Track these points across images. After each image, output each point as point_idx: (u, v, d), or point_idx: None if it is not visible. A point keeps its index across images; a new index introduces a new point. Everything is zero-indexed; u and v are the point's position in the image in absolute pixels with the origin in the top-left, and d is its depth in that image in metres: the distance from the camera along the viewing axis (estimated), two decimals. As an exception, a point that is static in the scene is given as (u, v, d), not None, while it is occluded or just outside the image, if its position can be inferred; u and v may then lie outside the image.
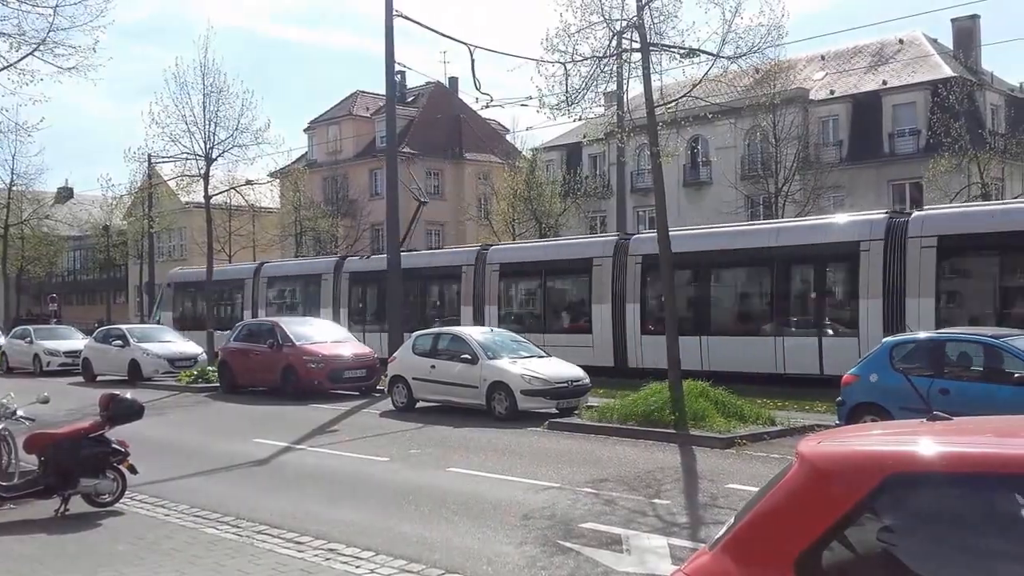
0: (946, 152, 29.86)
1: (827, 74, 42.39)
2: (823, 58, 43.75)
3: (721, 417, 14.29)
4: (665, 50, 15.39)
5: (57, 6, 13.36)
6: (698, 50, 15.34)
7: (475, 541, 8.44)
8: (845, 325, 19.93)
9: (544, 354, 18.43)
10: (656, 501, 9.90)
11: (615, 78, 16.70)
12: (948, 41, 41.73)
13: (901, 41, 41.60)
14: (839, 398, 13.14)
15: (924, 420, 3.74)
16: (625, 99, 17.88)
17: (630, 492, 10.33)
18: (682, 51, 15.37)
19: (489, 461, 12.61)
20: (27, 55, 13.29)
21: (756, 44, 15.16)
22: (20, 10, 13.13)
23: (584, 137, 30.32)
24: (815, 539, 3.19)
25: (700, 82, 15.97)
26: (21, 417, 10.39)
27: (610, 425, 14.75)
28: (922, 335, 13.70)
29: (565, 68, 15.31)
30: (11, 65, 13.23)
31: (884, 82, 39.48)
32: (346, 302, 31.49)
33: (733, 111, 34.42)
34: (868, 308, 19.06)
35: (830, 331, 20.15)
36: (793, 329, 20.77)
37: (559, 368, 17.64)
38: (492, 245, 29.48)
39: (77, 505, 9.79)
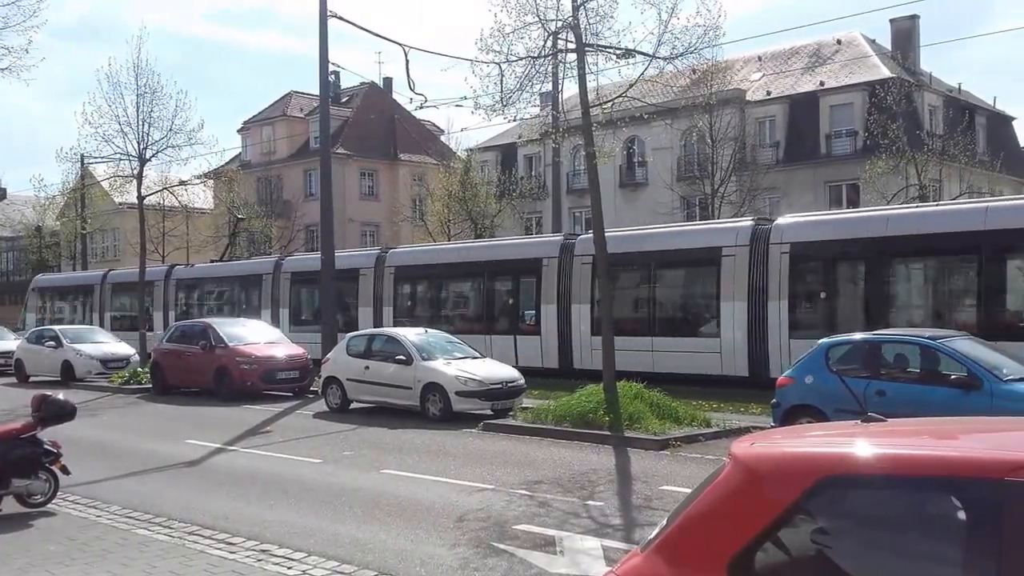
0: (883, 153, 29.80)
1: (764, 75, 42.63)
2: (760, 59, 43.96)
3: (656, 419, 14.42)
4: (601, 50, 15.50)
5: (-10, 7, 13.08)
6: (634, 51, 15.49)
7: (408, 542, 8.50)
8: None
9: (479, 355, 18.52)
10: (590, 503, 10.03)
11: (550, 78, 16.77)
12: (887, 42, 41.79)
13: (839, 42, 41.69)
14: (774, 400, 13.07)
15: (859, 422, 3.73)
16: (560, 99, 18.03)
17: (564, 494, 10.45)
18: (618, 51, 15.47)
19: (423, 463, 12.67)
20: (-43, 55, 12.98)
21: (692, 44, 15.32)
22: (-52, 10, 12.84)
23: (519, 138, 30.61)
24: (748, 541, 3.18)
25: (636, 83, 16.12)
26: None
27: (545, 427, 14.86)
28: (857, 336, 13.49)
29: (500, 68, 15.36)
30: (-61, 65, 12.90)
31: (821, 83, 39.53)
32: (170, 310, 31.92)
33: (669, 112, 34.50)
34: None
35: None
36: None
37: (494, 369, 17.74)
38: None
39: (9, 506, 9.69)
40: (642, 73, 16.07)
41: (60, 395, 10.49)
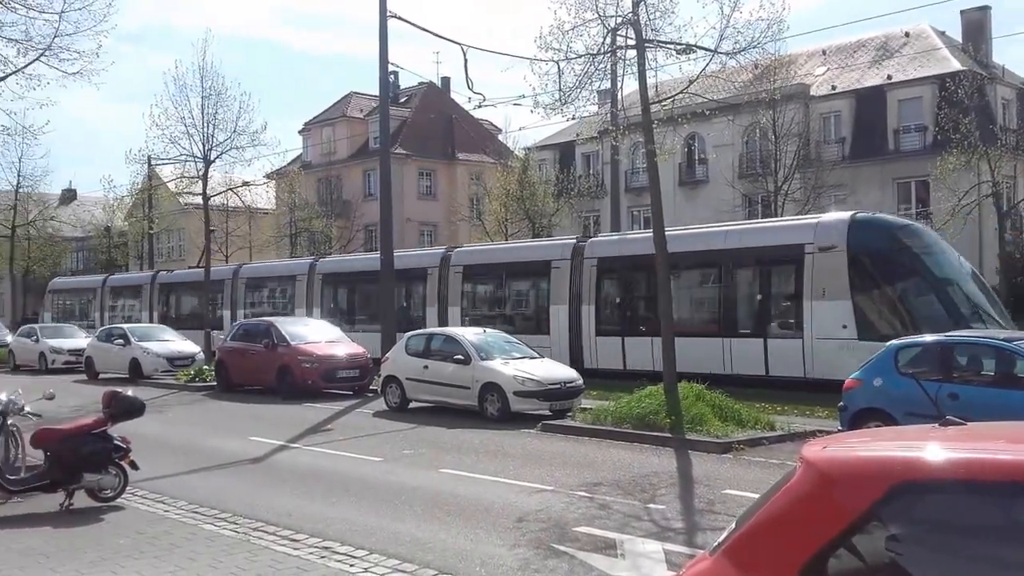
0: (954, 149, 28.73)
1: (829, 69, 41.62)
2: (824, 53, 42.94)
3: (718, 421, 14.23)
4: (661, 46, 15.37)
5: (62, 12, 13.56)
6: (695, 46, 15.30)
7: (468, 542, 8.51)
8: (542, 326, 24.67)
9: (537, 355, 18.50)
10: (651, 506, 9.93)
11: (609, 75, 16.69)
12: (957, 34, 40.53)
13: (907, 34, 40.58)
14: (841, 403, 12.79)
15: (936, 425, 3.63)
16: (620, 97, 17.90)
17: (625, 496, 10.37)
18: (678, 47, 15.33)
19: (482, 463, 12.69)
20: (34, 60, 13.50)
21: (755, 39, 15.05)
22: (27, 16, 13.31)
23: (577, 136, 30.53)
24: (821, 547, 3.11)
25: (697, 78, 15.94)
26: (28, 413, 10.52)
27: (604, 428, 14.77)
28: (929, 338, 13.01)
29: (558, 67, 15.32)
30: (19, 70, 13.40)
31: (889, 77, 38.37)
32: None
33: (731, 108, 33.60)
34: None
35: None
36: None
37: (552, 369, 17.71)
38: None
39: (81, 500, 9.91)
40: (703, 69, 15.83)
41: (129, 392, 10.74)
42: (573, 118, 17.98)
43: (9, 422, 10.19)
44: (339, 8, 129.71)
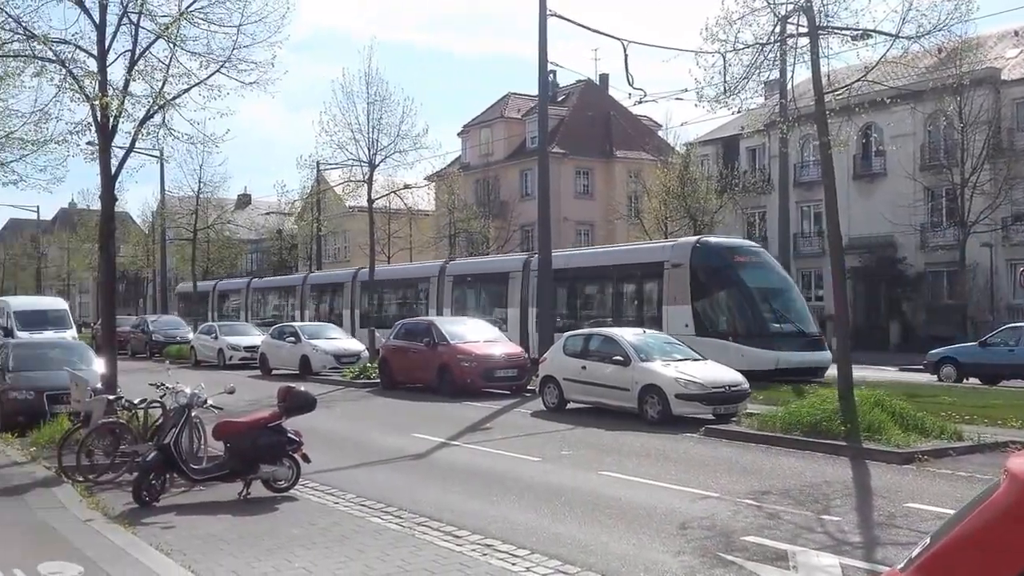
0: None
1: (1022, 51, 39.09)
2: (1017, 34, 40.29)
3: (899, 429, 13.44)
4: (835, 33, 14.76)
5: (240, 25, 14.12)
6: (873, 31, 14.57)
7: (631, 547, 8.35)
8: (502, 325, 28.16)
9: (700, 357, 18.06)
10: (825, 517, 9.47)
11: (778, 65, 16.19)
12: None
13: None
14: None
15: None
16: (791, 87, 17.25)
17: (796, 506, 9.95)
18: (855, 33, 14.65)
19: (642, 466, 12.46)
20: (214, 72, 14.11)
21: (941, 21, 14.15)
22: (209, 31, 13.96)
23: (742, 129, 29.70)
24: None
25: (876, 65, 15.16)
26: (210, 406, 11.06)
27: (772, 434, 14.21)
28: None
29: (724, 58, 14.93)
30: (201, 82, 14.08)
31: None
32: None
33: (912, 95, 31.51)
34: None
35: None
36: None
37: (716, 372, 17.24)
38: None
39: (257, 489, 10.33)
40: (883, 55, 15.01)
41: (301, 387, 11.15)
42: (739, 111, 17.47)
43: (193, 414, 10.73)
44: (496, 10, 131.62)
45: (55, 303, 34.87)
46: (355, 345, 29.30)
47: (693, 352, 18.27)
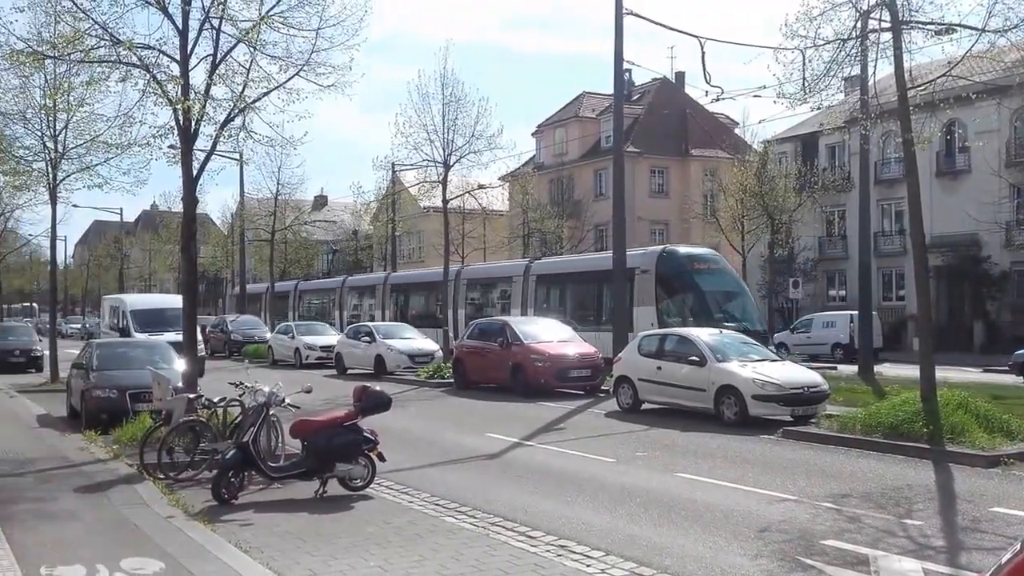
0: None
1: (1113, 45, 37.75)
2: (1108, 26, 38.92)
3: (983, 432, 13.03)
4: (919, 27, 14.40)
5: (319, 29, 14.34)
6: (959, 25, 14.22)
7: (707, 550, 8.24)
8: None
9: (777, 357, 17.74)
10: (907, 521, 9.23)
11: (858, 61, 15.85)
12: None
13: None
14: None
15: None
16: (873, 83, 16.88)
17: (877, 510, 9.72)
18: (939, 27, 14.30)
19: (719, 468, 12.29)
20: (293, 75, 14.36)
21: None
22: (288, 35, 14.21)
23: (821, 125, 29.13)
24: None
25: (961, 60, 14.73)
26: (288, 405, 11.26)
27: (852, 436, 13.90)
28: None
29: (804, 55, 14.71)
30: (281, 85, 14.35)
31: None
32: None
33: (999, 90, 29.83)
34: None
35: None
36: None
37: (794, 372, 16.94)
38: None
39: (333, 488, 10.46)
40: (969, 49, 14.55)
41: (377, 387, 11.26)
42: (819, 108, 17.15)
43: (271, 413, 10.91)
44: (571, 9, 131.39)
45: (174, 301, 30.67)
46: (429, 345, 29.51)
47: (771, 353, 17.95)
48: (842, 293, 45.62)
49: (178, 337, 23.81)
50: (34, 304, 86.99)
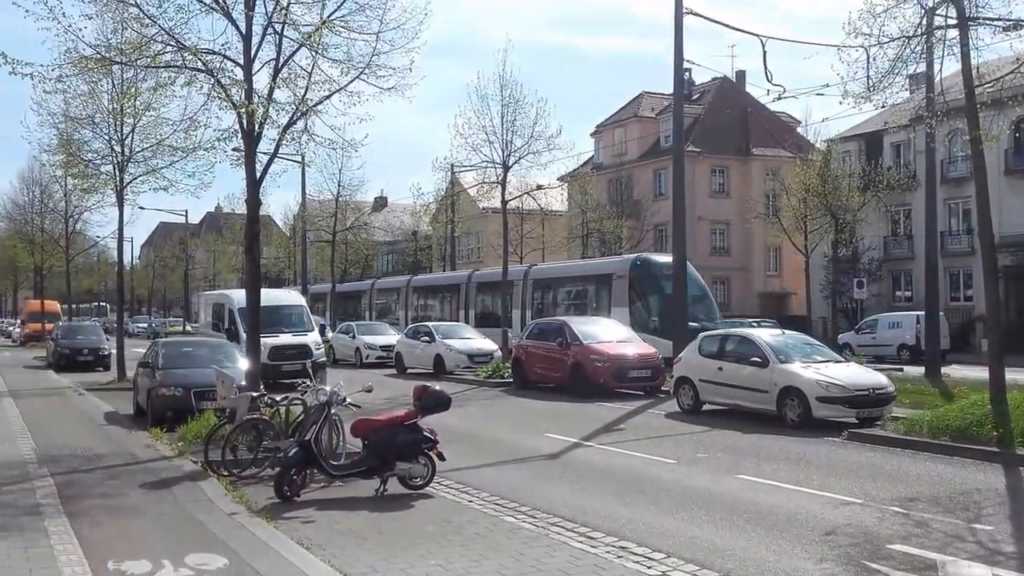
0: None
1: None
2: None
3: (1056, 435, 12.65)
4: (986, 23, 14.08)
5: (379, 32, 14.46)
6: None
7: (770, 553, 8.12)
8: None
9: (842, 359, 17.42)
10: (976, 526, 9.02)
11: (924, 59, 15.54)
12: None
13: None
14: None
15: None
16: (939, 80, 16.56)
17: (945, 514, 9.51)
18: (1007, 23, 13.98)
19: (782, 470, 12.10)
20: (354, 78, 14.50)
21: None
22: (349, 39, 14.36)
23: (886, 124, 28.61)
24: None
25: (1031, 56, 14.41)
26: (349, 404, 11.36)
27: (919, 439, 13.62)
28: None
29: (868, 52, 14.48)
30: (342, 88, 14.51)
31: None
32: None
33: None
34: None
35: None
36: None
37: (859, 374, 16.65)
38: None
39: (393, 486, 10.52)
40: (1039, 45, 14.28)
41: (436, 387, 11.30)
42: (884, 106, 16.85)
43: (332, 412, 11.02)
44: (630, 9, 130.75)
45: (290, 298, 29.10)
46: (488, 345, 29.56)
47: (835, 354, 17.63)
48: (908, 293, 44.79)
49: (298, 340, 23.75)
50: (104, 303, 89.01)
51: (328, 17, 14.02)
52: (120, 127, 23.51)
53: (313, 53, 14.22)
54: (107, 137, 23.89)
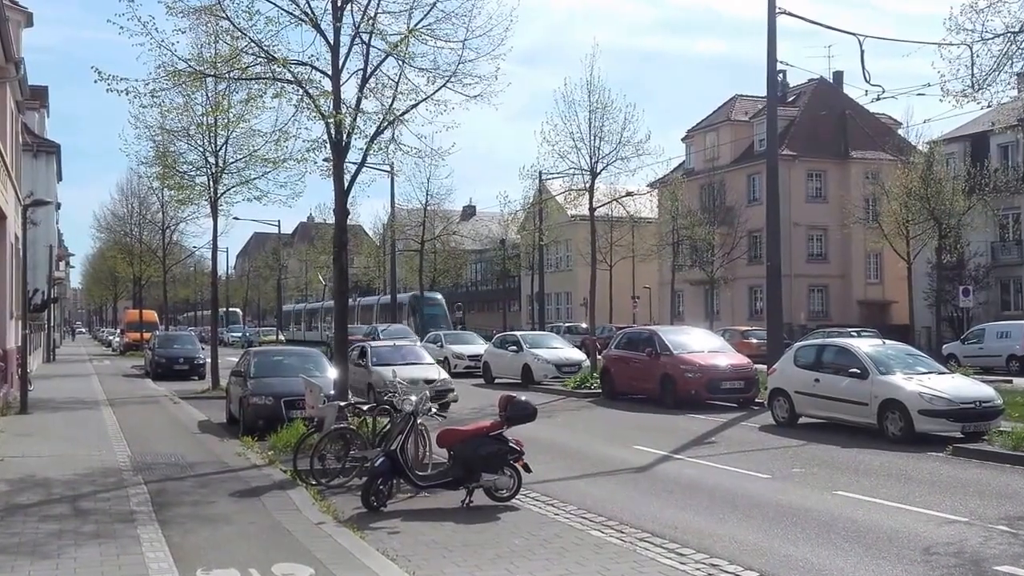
0: None
1: None
2: None
3: None
4: None
5: (465, 39, 14.51)
6: None
7: (868, 572, 7.79)
8: None
9: (946, 370, 16.67)
10: (1092, 548, 8.47)
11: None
12: None
13: None
14: None
15: None
16: (1052, 77, 15.84)
17: (1057, 535, 8.97)
18: None
19: (882, 486, 11.61)
20: (441, 87, 14.59)
21: None
22: (435, 47, 14.45)
23: (992, 125, 27.44)
24: None
25: None
26: (435, 414, 11.32)
27: (1029, 455, 12.93)
28: None
29: (971, 49, 13.89)
30: (428, 97, 14.60)
31: None
32: None
33: None
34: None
35: None
36: None
37: (964, 386, 15.90)
38: None
39: (479, 498, 10.42)
40: None
41: (523, 397, 11.17)
42: (989, 105, 16.12)
43: (418, 422, 11.00)
44: (720, 11, 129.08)
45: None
46: (576, 354, 29.33)
47: (939, 365, 16.90)
48: (1018, 301, 42.83)
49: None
50: (236, 311, 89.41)
51: (415, 26, 14.10)
52: (214, 139, 24.12)
53: (400, 62, 14.35)
54: (201, 149, 24.56)
